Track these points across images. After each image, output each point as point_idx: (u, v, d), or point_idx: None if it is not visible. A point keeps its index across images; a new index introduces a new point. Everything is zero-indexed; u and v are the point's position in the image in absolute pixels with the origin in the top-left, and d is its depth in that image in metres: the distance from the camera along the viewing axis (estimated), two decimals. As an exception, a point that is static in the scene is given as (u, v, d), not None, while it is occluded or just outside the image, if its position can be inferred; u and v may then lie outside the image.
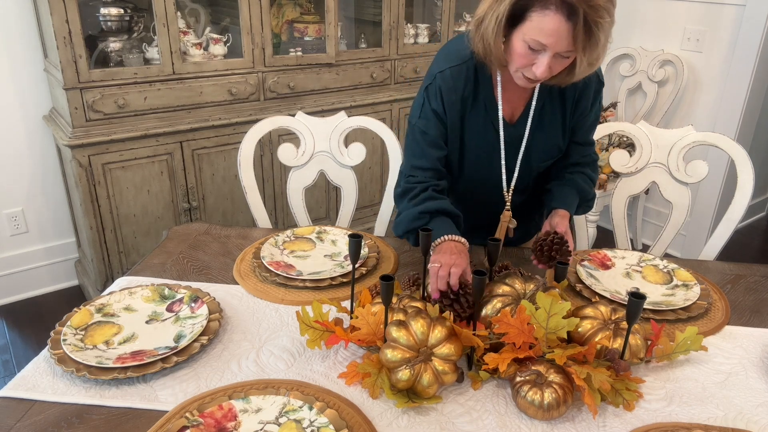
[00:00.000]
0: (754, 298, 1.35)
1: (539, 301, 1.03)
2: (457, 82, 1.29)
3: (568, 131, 1.38)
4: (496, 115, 1.32)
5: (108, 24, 2.30)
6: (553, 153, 1.40)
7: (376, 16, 2.95)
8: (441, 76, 1.29)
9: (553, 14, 1.05)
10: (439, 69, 1.30)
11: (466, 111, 1.32)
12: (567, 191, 1.40)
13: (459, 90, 1.29)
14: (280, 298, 1.28)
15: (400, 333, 0.99)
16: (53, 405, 0.97)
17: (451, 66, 1.29)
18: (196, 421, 0.91)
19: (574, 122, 1.38)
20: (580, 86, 1.31)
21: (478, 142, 1.35)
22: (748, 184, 1.61)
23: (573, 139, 1.41)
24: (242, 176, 1.75)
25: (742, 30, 2.82)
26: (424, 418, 0.97)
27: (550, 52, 1.09)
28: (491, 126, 1.33)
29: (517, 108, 1.34)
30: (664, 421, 0.98)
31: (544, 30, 1.07)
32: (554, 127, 1.36)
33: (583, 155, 1.43)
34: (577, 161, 1.43)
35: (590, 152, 1.45)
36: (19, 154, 2.53)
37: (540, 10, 1.06)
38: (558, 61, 1.12)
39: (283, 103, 2.66)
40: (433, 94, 1.30)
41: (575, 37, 1.06)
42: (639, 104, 3.28)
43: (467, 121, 1.33)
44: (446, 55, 1.33)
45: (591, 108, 1.37)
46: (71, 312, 1.17)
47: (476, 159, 1.37)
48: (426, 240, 1.17)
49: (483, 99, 1.31)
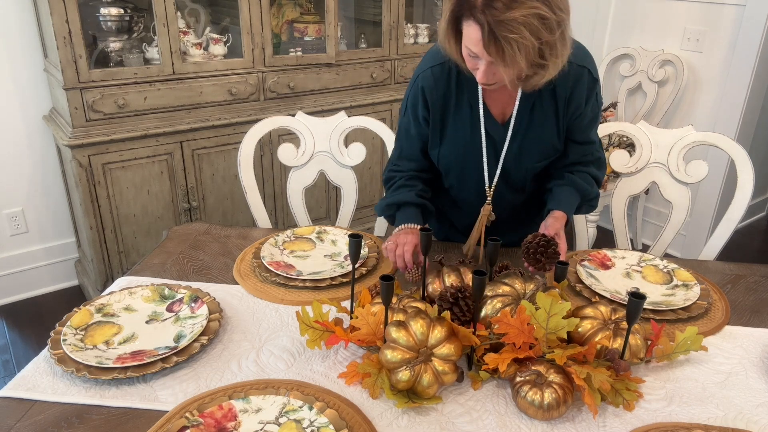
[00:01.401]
0: (754, 298, 1.35)
1: (539, 301, 1.03)
2: (438, 81, 1.32)
3: (563, 130, 1.37)
4: (483, 112, 1.33)
5: (108, 24, 2.30)
6: (548, 152, 1.39)
7: (376, 16, 2.95)
8: (423, 76, 1.33)
9: (472, 25, 1.07)
10: (423, 68, 1.34)
11: (448, 109, 1.34)
12: (566, 192, 1.39)
13: (441, 89, 1.32)
14: (280, 298, 1.28)
15: (399, 333, 0.99)
16: (53, 405, 0.97)
17: (433, 65, 1.32)
18: (196, 421, 0.91)
19: (569, 121, 1.36)
20: (570, 84, 1.30)
21: (461, 140, 1.36)
22: (748, 184, 1.61)
23: (571, 138, 1.40)
24: (242, 176, 1.75)
25: (742, 30, 2.82)
26: (424, 418, 0.97)
27: (485, 60, 1.11)
28: (478, 124, 1.34)
29: (508, 107, 1.34)
30: (664, 421, 0.98)
31: (469, 39, 1.09)
32: (548, 126, 1.35)
33: (584, 154, 1.42)
34: (577, 160, 1.42)
35: (591, 150, 1.43)
36: (19, 154, 2.53)
37: (465, 20, 1.09)
38: (495, 69, 1.13)
39: (283, 103, 2.66)
40: (414, 94, 1.36)
41: (487, 49, 1.07)
42: (639, 104, 3.28)
43: (450, 119, 1.35)
44: (432, 54, 1.35)
45: (586, 105, 1.35)
46: (71, 312, 1.17)
47: (460, 157, 1.39)
48: (426, 240, 1.17)
49: (468, 98, 1.33)
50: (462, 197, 1.47)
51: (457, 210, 1.52)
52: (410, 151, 1.43)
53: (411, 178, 1.44)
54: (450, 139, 1.37)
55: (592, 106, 1.36)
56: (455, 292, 1.14)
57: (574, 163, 1.42)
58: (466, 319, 1.12)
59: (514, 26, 1.03)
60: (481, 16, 1.04)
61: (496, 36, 1.04)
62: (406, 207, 1.40)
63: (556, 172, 1.44)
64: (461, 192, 1.46)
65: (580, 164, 1.43)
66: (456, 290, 1.14)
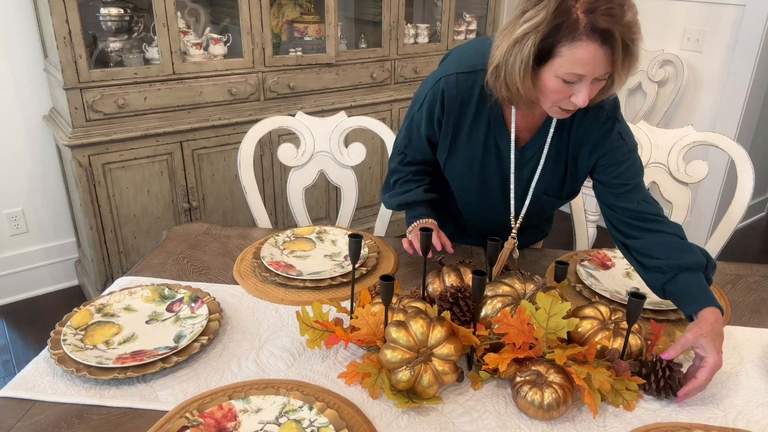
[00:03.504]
0: (754, 298, 1.35)
1: (539, 301, 1.03)
2: (461, 88, 1.25)
3: (570, 175, 1.31)
4: (501, 132, 1.28)
5: (108, 24, 2.30)
6: (555, 192, 1.34)
7: (376, 16, 2.95)
8: (447, 80, 1.26)
9: (585, 43, 1.00)
10: (448, 71, 1.27)
11: (464, 120, 1.29)
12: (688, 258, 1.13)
13: (461, 97, 1.26)
14: (280, 298, 1.28)
15: (399, 333, 0.99)
16: (53, 405, 0.97)
17: (459, 71, 1.25)
18: (196, 421, 0.91)
19: (590, 166, 1.27)
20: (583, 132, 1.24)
21: (472, 153, 1.32)
22: (748, 184, 1.61)
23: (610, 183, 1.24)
24: (242, 176, 1.75)
25: (742, 30, 2.82)
26: (424, 419, 0.97)
27: (588, 80, 1.05)
28: (493, 142, 1.29)
29: (524, 132, 1.29)
30: (664, 421, 0.98)
31: (579, 61, 1.01)
32: (560, 165, 1.31)
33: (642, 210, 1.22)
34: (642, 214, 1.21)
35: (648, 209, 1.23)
36: (19, 154, 2.53)
37: (570, 43, 1.01)
38: (595, 85, 1.08)
39: (283, 103, 2.66)
40: (433, 94, 1.29)
41: (615, 59, 1.02)
42: (639, 104, 3.28)
43: (463, 129, 1.30)
44: (460, 58, 1.30)
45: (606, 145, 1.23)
46: (71, 312, 1.17)
47: (467, 172, 1.35)
48: (426, 240, 1.17)
49: (488, 114, 1.27)
50: (465, 206, 1.45)
51: (460, 213, 1.51)
52: (419, 144, 1.39)
53: (418, 172, 1.43)
54: (460, 151, 1.32)
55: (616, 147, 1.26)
56: (455, 292, 1.14)
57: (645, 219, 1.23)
58: (466, 319, 1.12)
59: (636, 29, 1.01)
60: (605, 24, 0.98)
61: (626, 43, 1.00)
62: (415, 205, 1.41)
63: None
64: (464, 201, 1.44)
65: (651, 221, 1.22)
66: (456, 290, 1.14)
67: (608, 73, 1.06)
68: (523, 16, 1.04)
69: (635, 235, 1.21)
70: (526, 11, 1.04)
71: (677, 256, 1.14)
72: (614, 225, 1.26)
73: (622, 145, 1.24)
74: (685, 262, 1.13)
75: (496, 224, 1.41)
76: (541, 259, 1.49)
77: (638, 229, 1.21)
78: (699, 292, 1.11)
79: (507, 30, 1.08)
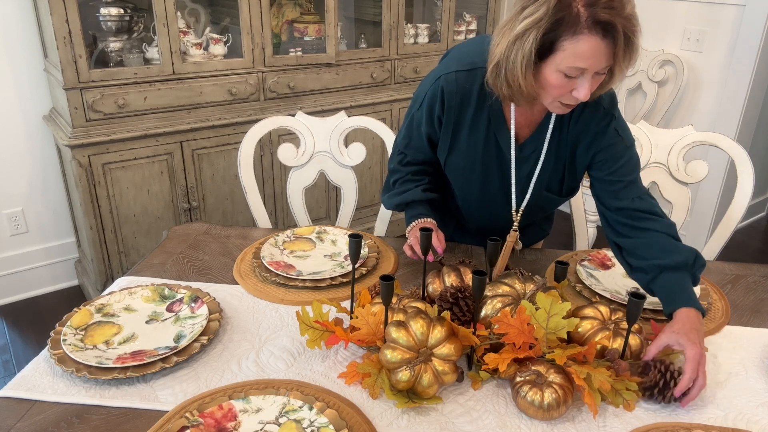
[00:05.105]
0: (754, 298, 1.35)
1: (539, 301, 1.03)
2: (461, 87, 1.25)
3: (568, 171, 1.32)
4: (501, 129, 1.28)
5: (108, 24, 2.30)
6: (555, 188, 1.35)
7: (376, 16, 2.95)
8: (446, 78, 1.26)
9: (587, 37, 1.01)
10: (447, 69, 1.27)
11: (464, 118, 1.29)
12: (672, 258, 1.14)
13: (461, 95, 1.26)
14: (280, 298, 1.28)
15: (399, 333, 0.99)
16: (53, 405, 0.97)
17: (459, 69, 1.25)
18: (196, 421, 0.91)
19: (587, 162, 1.28)
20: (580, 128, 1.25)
21: (473, 151, 1.32)
22: (748, 184, 1.61)
23: (605, 180, 1.26)
24: (242, 176, 1.75)
25: (742, 30, 2.82)
26: (424, 419, 0.97)
27: (590, 74, 1.05)
28: (493, 140, 1.30)
29: (523, 129, 1.29)
30: (664, 421, 0.98)
31: (581, 54, 1.02)
32: (559, 162, 1.31)
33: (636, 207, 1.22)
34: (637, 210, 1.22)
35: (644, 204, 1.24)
36: (19, 154, 2.53)
37: (571, 37, 1.01)
38: (596, 79, 1.08)
39: (283, 103, 2.66)
40: (433, 92, 1.28)
41: (616, 51, 1.03)
42: (639, 104, 3.28)
43: (463, 127, 1.30)
44: (460, 56, 1.29)
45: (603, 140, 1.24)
46: (71, 312, 1.17)
47: (467, 170, 1.35)
48: (425, 240, 1.17)
49: (488, 111, 1.27)
50: (466, 204, 1.45)
51: (461, 212, 1.51)
52: (419, 143, 1.38)
53: (417, 173, 1.42)
54: (461, 149, 1.32)
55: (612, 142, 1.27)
56: (455, 292, 1.14)
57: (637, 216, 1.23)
58: (466, 319, 1.12)
59: (636, 21, 1.02)
60: (607, 17, 0.98)
61: (627, 35, 1.01)
62: (414, 205, 1.40)
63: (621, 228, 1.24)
64: (465, 200, 1.44)
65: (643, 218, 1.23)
66: (456, 290, 1.14)
67: (609, 66, 1.07)
68: (522, 13, 1.05)
69: (628, 234, 1.23)
70: (525, 7, 1.05)
71: (661, 256, 1.15)
72: (609, 224, 1.28)
73: (619, 141, 1.25)
74: (667, 262, 1.14)
75: (497, 222, 1.41)
76: (541, 259, 1.49)
77: (631, 228, 1.22)
78: (678, 292, 1.12)
79: (506, 27, 1.09)
